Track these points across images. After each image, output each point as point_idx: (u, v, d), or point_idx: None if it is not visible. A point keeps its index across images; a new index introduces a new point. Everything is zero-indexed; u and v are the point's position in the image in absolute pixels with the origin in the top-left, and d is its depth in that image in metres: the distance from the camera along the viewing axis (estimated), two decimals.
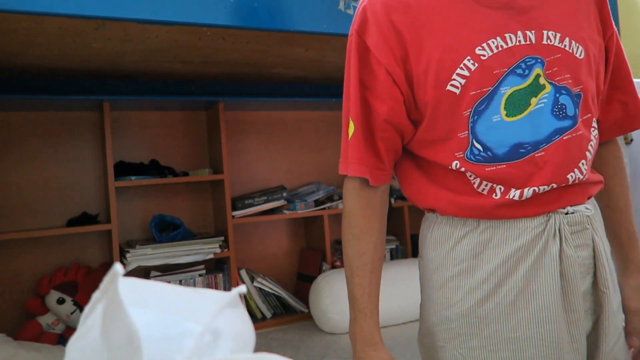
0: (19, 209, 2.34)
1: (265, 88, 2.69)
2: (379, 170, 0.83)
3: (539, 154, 0.76)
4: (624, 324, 0.89)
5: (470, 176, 0.79)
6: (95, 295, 0.32)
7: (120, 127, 2.50)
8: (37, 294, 2.27)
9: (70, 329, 2.26)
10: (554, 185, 0.77)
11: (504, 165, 0.76)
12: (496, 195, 0.77)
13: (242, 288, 0.36)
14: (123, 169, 2.39)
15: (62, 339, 2.22)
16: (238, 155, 2.75)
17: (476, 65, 0.75)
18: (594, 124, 0.83)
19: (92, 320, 0.32)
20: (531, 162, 0.76)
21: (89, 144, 2.48)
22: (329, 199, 2.71)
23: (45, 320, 2.24)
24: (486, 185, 0.78)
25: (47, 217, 2.38)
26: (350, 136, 0.83)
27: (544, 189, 0.77)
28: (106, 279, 0.31)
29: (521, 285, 0.77)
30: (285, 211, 2.61)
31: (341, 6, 1.74)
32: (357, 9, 0.83)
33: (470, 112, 0.76)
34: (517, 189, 0.77)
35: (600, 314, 0.82)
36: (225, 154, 2.47)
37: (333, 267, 2.66)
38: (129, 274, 2.15)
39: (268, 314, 2.57)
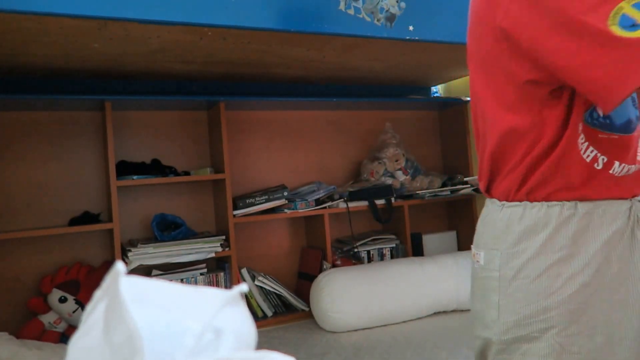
0: (21, 208, 2.34)
1: (267, 88, 2.69)
2: None
3: (636, 133, 0.78)
4: None
5: (581, 139, 0.78)
6: (97, 294, 0.33)
7: (122, 126, 2.50)
8: (39, 292, 2.27)
9: (72, 328, 2.27)
10: (636, 167, 0.79)
11: (617, 137, 0.77)
12: (598, 165, 0.78)
13: (243, 287, 0.36)
14: (125, 169, 2.40)
15: (64, 338, 2.23)
16: (239, 155, 2.75)
17: None
18: None
19: (94, 319, 0.33)
20: (631, 140, 0.78)
21: (91, 143, 2.48)
22: (330, 198, 2.71)
23: (47, 318, 2.25)
24: (592, 152, 0.78)
25: (49, 216, 2.38)
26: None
27: (633, 168, 0.78)
28: (108, 278, 0.31)
29: (616, 269, 0.78)
30: (286, 210, 2.62)
31: (342, 6, 1.74)
32: None
33: None
34: (621, 163, 0.77)
35: None
36: (226, 154, 2.48)
37: (334, 266, 2.67)
38: (130, 272, 2.15)
39: (269, 313, 2.58)
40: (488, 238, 0.90)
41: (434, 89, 3.30)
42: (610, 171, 0.78)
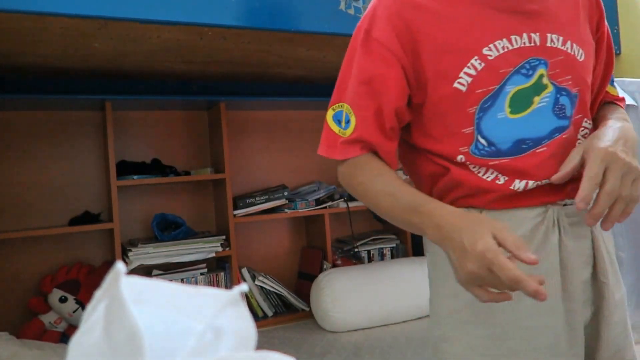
0: (22, 208, 2.34)
1: (267, 88, 2.69)
2: (385, 147, 0.84)
3: (541, 149, 0.80)
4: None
5: (474, 167, 0.81)
6: (98, 294, 0.33)
7: (122, 126, 2.50)
8: (40, 292, 2.28)
9: (72, 327, 2.27)
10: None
11: (508, 160, 0.80)
12: (499, 182, 0.80)
13: (243, 286, 0.36)
14: (125, 168, 2.40)
15: (64, 337, 2.23)
16: (239, 155, 2.75)
17: (483, 64, 0.78)
18: (585, 124, 0.85)
19: (94, 319, 0.33)
20: (533, 157, 0.80)
21: (92, 143, 2.49)
22: (330, 198, 2.71)
23: (47, 318, 2.25)
24: (492, 173, 0.81)
25: (50, 216, 2.39)
26: (353, 126, 0.85)
27: (546, 181, 0.80)
28: (108, 278, 0.31)
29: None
30: (286, 210, 2.62)
31: (342, 6, 1.74)
32: (367, 9, 0.85)
33: (476, 109, 0.79)
34: (521, 180, 0.80)
35: (601, 303, 0.83)
36: (226, 154, 2.48)
37: (334, 265, 2.67)
38: (131, 272, 2.16)
39: (269, 313, 2.58)
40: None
41: None
42: (511, 187, 0.80)
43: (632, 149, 0.76)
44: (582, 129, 0.85)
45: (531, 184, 0.80)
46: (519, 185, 0.80)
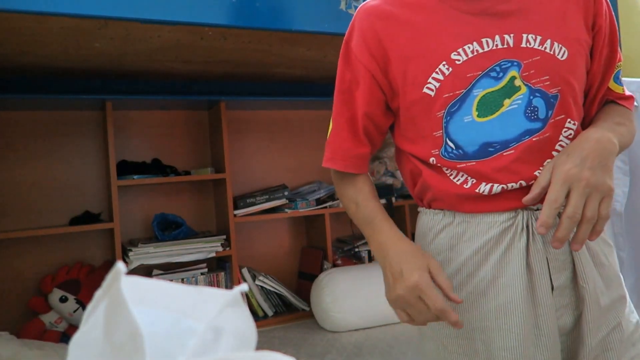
0: (22, 207, 2.35)
1: (267, 87, 2.69)
2: (358, 159, 0.91)
3: (508, 152, 0.80)
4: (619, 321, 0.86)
5: (446, 170, 0.84)
6: (98, 294, 0.33)
7: (122, 126, 2.51)
8: (40, 292, 2.28)
9: (73, 327, 2.27)
10: (523, 183, 0.81)
11: (474, 163, 0.81)
12: (467, 185, 0.82)
13: (243, 286, 0.36)
14: (125, 168, 2.40)
15: (65, 337, 2.23)
16: (240, 155, 2.75)
17: (450, 69, 0.80)
18: (569, 124, 0.82)
19: (94, 319, 0.33)
20: (499, 160, 0.80)
21: (92, 143, 2.49)
22: (330, 197, 2.71)
23: (48, 318, 2.25)
24: (462, 176, 0.83)
25: (50, 216, 2.39)
26: (329, 132, 0.94)
27: (512, 186, 0.81)
28: (109, 278, 0.31)
29: (490, 276, 0.82)
30: (286, 210, 2.62)
31: (342, 6, 1.74)
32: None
33: (444, 113, 0.81)
34: (487, 183, 0.81)
35: (583, 308, 0.82)
36: (227, 153, 2.48)
37: (334, 265, 2.67)
38: (131, 272, 2.16)
39: (270, 312, 2.58)
40: None
41: None
42: (477, 190, 0.81)
43: (602, 165, 0.74)
44: (566, 129, 0.82)
45: (496, 187, 0.81)
46: (484, 188, 0.81)
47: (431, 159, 0.85)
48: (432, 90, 0.81)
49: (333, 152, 0.94)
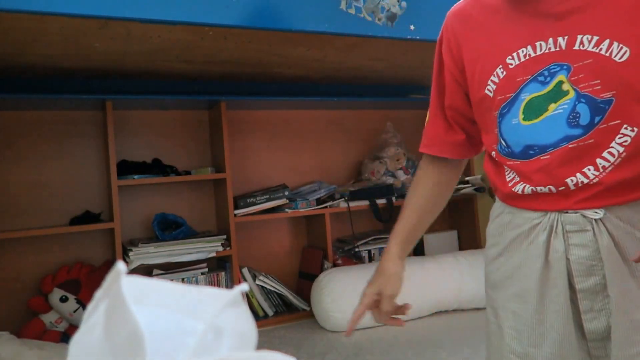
0: (22, 207, 2.35)
1: (267, 87, 2.69)
2: (453, 146, 1.02)
3: (544, 157, 0.83)
4: None
5: (502, 166, 0.92)
6: (98, 294, 0.33)
7: (122, 126, 2.50)
8: (40, 292, 2.28)
9: (73, 327, 2.27)
10: (552, 187, 0.83)
11: (519, 162, 0.87)
12: (510, 184, 0.89)
13: (244, 286, 0.36)
14: (126, 168, 2.40)
15: (65, 337, 2.23)
16: (240, 154, 2.75)
17: (504, 73, 0.85)
18: (625, 131, 0.78)
19: (95, 318, 0.33)
20: (536, 163, 0.84)
21: (92, 143, 2.49)
22: (331, 197, 2.71)
23: (48, 318, 2.25)
24: (511, 172, 0.90)
25: (50, 216, 2.39)
26: (427, 120, 1.06)
27: (540, 189, 0.84)
28: (109, 277, 0.31)
29: (516, 264, 0.90)
30: (287, 210, 2.62)
31: (343, 6, 1.74)
32: None
33: (497, 113, 0.88)
34: (522, 184, 0.87)
35: (612, 319, 0.81)
36: (227, 153, 2.48)
37: (335, 265, 2.67)
38: (131, 272, 2.15)
39: (270, 312, 2.58)
40: None
41: None
42: (513, 190, 0.89)
43: None
44: (620, 136, 0.78)
45: (527, 188, 0.85)
46: (518, 187, 0.87)
47: (492, 153, 0.93)
48: (491, 92, 0.87)
49: (428, 139, 1.06)
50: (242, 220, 2.53)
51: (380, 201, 2.78)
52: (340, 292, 2.36)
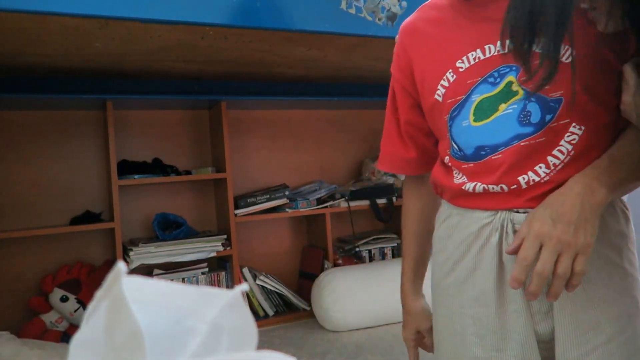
0: (23, 207, 2.35)
1: (268, 87, 2.69)
2: (407, 162, 1.03)
3: (496, 156, 0.83)
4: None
5: (453, 169, 0.92)
6: (99, 293, 0.33)
7: (123, 126, 2.51)
8: (41, 292, 2.28)
9: (73, 327, 2.28)
10: (504, 186, 0.83)
11: (472, 165, 0.87)
12: (465, 187, 0.88)
13: (244, 286, 0.36)
14: (126, 168, 2.40)
15: (65, 337, 2.24)
16: (240, 154, 2.76)
17: (455, 76, 0.86)
18: (574, 129, 0.79)
19: (95, 318, 0.33)
20: (487, 163, 0.84)
21: (92, 142, 2.49)
22: (331, 197, 2.71)
23: (48, 318, 2.25)
24: (462, 176, 0.90)
25: (51, 215, 2.39)
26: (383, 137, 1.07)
27: (493, 187, 0.84)
28: (109, 277, 0.31)
29: (470, 267, 0.88)
30: (287, 209, 2.62)
31: (343, 5, 1.74)
32: None
33: (447, 117, 0.88)
34: (482, 183, 0.85)
35: (554, 320, 0.81)
36: (227, 153, 2.48)
37: (335, 265, 2.67)
38: (132, 272, 2.16)
39: (270, 312, 2.58)
40: None
41: None
42: (463, 187, 0.88)
43: (581, 220, 0.72)
44: (569, 134, 0.80)
45: (478, 186, 0.85)
46: (469, 186, 0.86)
47: (446, 158, 0.93)
48: (440, 96, 0.87)
49: (382, 155, 1.08)
50: (242, 220, 2.53)
51: (381, 201, 2.78)
52: (341, 292, 2.36)
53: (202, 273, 2.46)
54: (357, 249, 2.76)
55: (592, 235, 0.73)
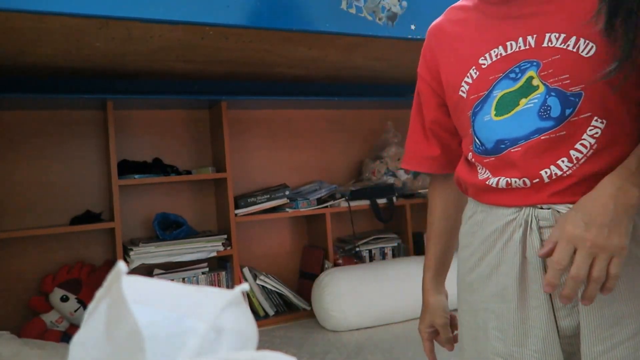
0: (23, 207, 2.35)
1: (268, 87, 2.69)
2: (432, 160, 1.05)
3: (515, 149, 0.84)
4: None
5: (477, 165, 0.93)
6: (99, 293, 0.33)
7: (123, 125, 2.51)
8: (41, 291, 2.28)
9: (74, 327, 2.28)
10: (526, 180, 0.83)
11: (493, 158, 0.88)
12: (489, 182, 0.89)
13: (244, 286, 0.36)
14: (126, 168, 2.40)
15: (65, 337, 2.23)
16: (241, 154, 2.76)
17: (477, 73, 0.88)
18: (596, 123, 0.80)
19: (95, 318, 0.33)
20: (507, 156, 0.85)
21: (93, 142, 2.49)
22: (331, 197, 2.71)
23: (49, 317, 2.25)
24: (485, 171, 0.91)
25: (51, 215, 2.39)
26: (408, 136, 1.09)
27: (515, 181, 0.85)
28: (110, 277, 0.31)
29: (494, 263, 0.89)
30: (287, 209, 2.62)
31: (343, 5, 1.74)
32: None
33: (470, 113, 0.90)
34: (504, 177, 0.86)
35: (580, 315, 0.81)
36: (228, 153, 2.48)
37: (335, 265, 2.67)
38: (132, 272, 2.16)
39: (271, 312, 2.58)
40: None
41: None
42: (487, 183, 0.89)
43: (614, 223, 0.71)
44: (592, 128, 0.80)
45: (501, 181, 0.86)
46: (492, 181, 0.88)
47: (469, 155, 0.94)
48: (464, 92, 0.90)
49: (406, 154, 1.10)
50: (242, 220, 2.53)
51: (381, 201, 2.78)
52: (341, 292, 2.36)
53: (203, 273, 2.46)
54: (357, 249, 2.76)
55: (626, 237, 0.72)
